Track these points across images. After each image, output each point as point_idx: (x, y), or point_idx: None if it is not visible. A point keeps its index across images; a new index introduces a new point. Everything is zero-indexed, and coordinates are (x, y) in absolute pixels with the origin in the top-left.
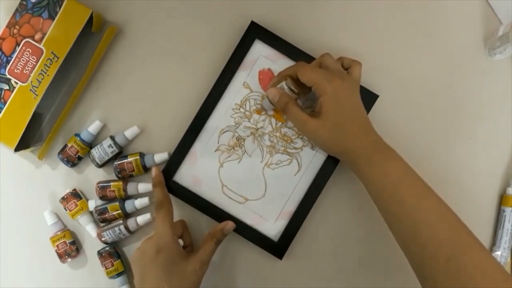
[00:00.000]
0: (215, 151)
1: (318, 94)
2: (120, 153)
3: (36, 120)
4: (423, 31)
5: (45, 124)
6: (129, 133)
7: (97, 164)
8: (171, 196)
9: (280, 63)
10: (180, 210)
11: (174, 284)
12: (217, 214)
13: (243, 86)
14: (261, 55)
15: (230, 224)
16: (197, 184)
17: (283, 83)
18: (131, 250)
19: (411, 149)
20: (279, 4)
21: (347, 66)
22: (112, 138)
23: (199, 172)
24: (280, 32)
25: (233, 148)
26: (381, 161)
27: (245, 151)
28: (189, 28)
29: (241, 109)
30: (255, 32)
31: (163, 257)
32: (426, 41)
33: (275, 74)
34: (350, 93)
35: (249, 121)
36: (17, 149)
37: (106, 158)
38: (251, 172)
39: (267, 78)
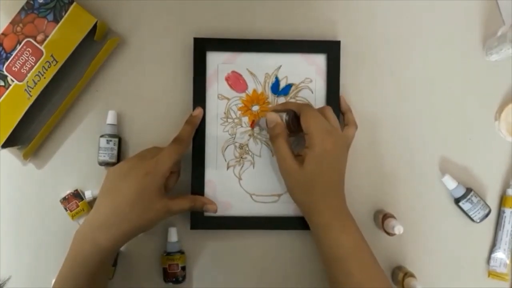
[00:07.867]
0: (227, 169)
1: (307, 144)
2: (121, 139)
3: (27, 119)
4: (423, 31)
5: (35, 125)
6: (110, 118)
7: (113, 162)
8: (208, 231)
9: (240, 60)
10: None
11: (138, 210)
12: (253, 223)
13: (219, 98)
14: (219, 63)
15: (213, 208)
16: (228, 207)
17: (284, 115)
18: (130, 249)
19: (410, 149)
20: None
21: (346, 123)
22: (102, 135)
23: (224, 195)
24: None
25: (241, 157)
26: (337, 230)
27: (253, 154)
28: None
29: (229, 119)
30: (202, 45)
31: (147, 182)
32: (426, 41)
33: (241, 73)
34: (336, 159)
35: (242, 126)
36: (4, 146)
37: (115, 152)
38: (269, 170)
39: (236, 79)
